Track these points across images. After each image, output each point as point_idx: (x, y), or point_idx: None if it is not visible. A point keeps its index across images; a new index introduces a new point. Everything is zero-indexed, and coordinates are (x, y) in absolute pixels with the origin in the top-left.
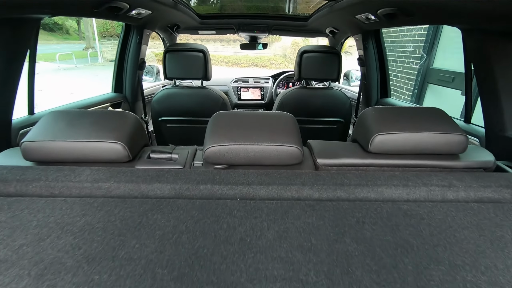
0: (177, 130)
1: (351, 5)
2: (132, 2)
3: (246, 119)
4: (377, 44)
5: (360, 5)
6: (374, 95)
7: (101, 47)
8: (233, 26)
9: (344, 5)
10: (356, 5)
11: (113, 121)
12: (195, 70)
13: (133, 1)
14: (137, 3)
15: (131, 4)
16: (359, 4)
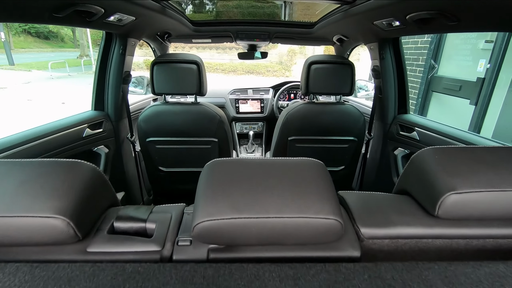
0: (168, 152)
1: (372, 9)
2: (108, 6)
3: (257, 172)
4: (396, 54)
5: (384, 10)
6: (391, 110)
7: (95, 55)
8: (230, 34)
9: (362, 10)
10: (379, 9)
11: (54, 180)
12: (187, 84)
13: (109, 5)
14: (115, 7)
15: (107, 8)
16: (383, 8)
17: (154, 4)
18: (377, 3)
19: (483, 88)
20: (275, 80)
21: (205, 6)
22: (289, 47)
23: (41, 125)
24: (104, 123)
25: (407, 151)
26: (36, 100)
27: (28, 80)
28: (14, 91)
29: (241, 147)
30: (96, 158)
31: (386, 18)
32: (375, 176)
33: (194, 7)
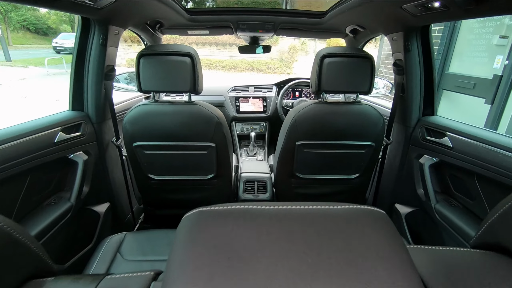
0: (158, 158)
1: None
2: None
3: (277, 240)
4: (425, 45)
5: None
6: (415, 111)
7: None
8: (230, 24)
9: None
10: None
11: None
12: (180, 80)
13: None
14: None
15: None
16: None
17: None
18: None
19: (501, 86)
20: (277, 78)
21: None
22: (291, 43)
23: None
24: (83, 125)
25: (435, 160)
26: (30, 97)
27: (24, 76)
28: (9, 87)
29: (241, 149)
30: (72, 166)
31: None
32: (393, 186)
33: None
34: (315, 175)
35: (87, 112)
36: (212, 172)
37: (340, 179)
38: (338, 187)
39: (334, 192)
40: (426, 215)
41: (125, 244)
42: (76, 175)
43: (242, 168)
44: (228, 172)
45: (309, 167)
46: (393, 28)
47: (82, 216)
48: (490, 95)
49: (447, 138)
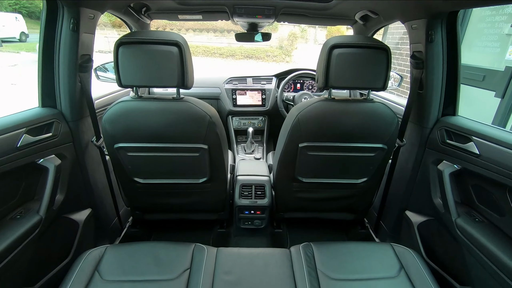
0: (143, 161)
1: None
2: None
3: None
4: (451, 34)
5: None
6: (434, 110)
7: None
8: (226, 9)
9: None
10: None
11: None
12: (166, 73)
13: None
14: None
15: None
16: None
17: None
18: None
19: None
20: (276, 66)
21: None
22: (290, 30)
23: None
24: (55, 124)
25: (457, 167)
26: (20, 84)
27: (15, 62)
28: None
29: (238, 146)
30: (42, 174)
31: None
32: (403, 192)
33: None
34: (318, 179)
35: (60, 109)
36: (205, 176)
37: (346, 183)
38: (344, 192)
39: (338, 197)
40: (443, 227)
41: (105, 260)
42: (46, 183)
43: (238, 169)
44: (223, 175)
45: (313, 171)
46: (414, 15)
47: (57, 227)
48: (501, 88)
49: (472, 144)
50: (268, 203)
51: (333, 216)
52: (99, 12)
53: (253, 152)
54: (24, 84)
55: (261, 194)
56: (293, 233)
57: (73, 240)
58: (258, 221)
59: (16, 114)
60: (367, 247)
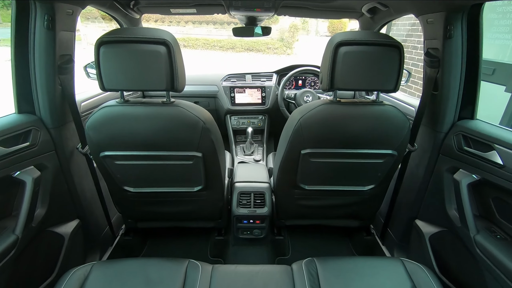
0: (132, 170)
1: None
2: None
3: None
4: (472, 30)
5: None
6: (450, 113)
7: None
8: (221, 1)
9: None
10: None
11: None
12: (153, 76)
13: None
14: None
15: None
16: None
17: None
18: None
19: None
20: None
21: None
22: (291, 22)
23: None
24: (34, 132)
25: (476, 177)
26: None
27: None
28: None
29: (237, 146)
30: (18, 188)
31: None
32: (413, 199)
33: None
34: (322, 187)
35: (39, 115)
36: (199, 184)
37: (352, 190)
38: (349, 199)
39: (343, 204)
40: (459, 242)
41: (91, 279)
42: (23, 198)
43: (236, 174)
44: (220, 183)
45: (316, 178)
46: (430, 8)
47: (39, 244)
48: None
49: (495, 153)
50: (268, 212)
51: (337, 223)
52: (79, 7)
53: (253, 154)
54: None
55: (261, 202)
56: (295, 240)
57: (58, 255)
58: (258, 231)
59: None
60: (376, 263)
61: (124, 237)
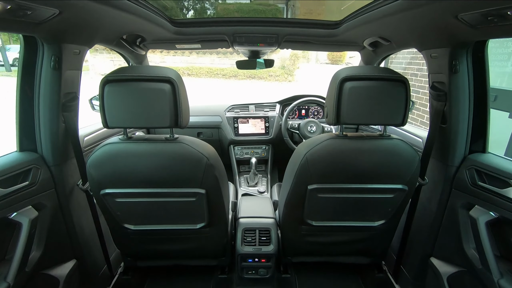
0: (134, 207)
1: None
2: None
3: None
4: (478, 65)
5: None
6: (460, 147)
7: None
8: (225, 37)
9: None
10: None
11: None
12: (157, 113)
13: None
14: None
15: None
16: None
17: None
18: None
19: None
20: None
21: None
22: (292, 50)
23: None
24: (34, 171)
25: (495, 215)
26: None
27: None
28: (4, 99)
29: (241, 177)
30: (14, 229)
31: (499, 5)
32: (427, 235)
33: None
34: (330, 223)
35: (41, 152)
36: (202, 221)
37: (362, 226)
38: (358, 235)
39: (352, 240)
40: (480, 284)
41: None
42: (18, 241)
43: (240, 209)
44: (223, 219)
45: (324, 214)
46: (434, 43)
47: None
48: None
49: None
50: (274, 250)
51: (346, 260)
52: (86, 46)
53: (257, 185)
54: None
55: (266, 240)
56: (302, 278)
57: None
58: (263, 270)
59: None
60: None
61: (122, 276)
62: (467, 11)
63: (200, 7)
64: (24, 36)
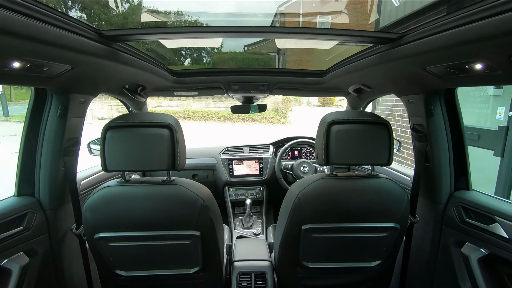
0: (127, 251)
1: (435, 49)
2: (5, 48)
3: None
4: (451, 108)
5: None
6: (445, 185)
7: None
8: (221, 85)
9: (413, 52)
10: (448, 49)
11: None
12: (156, 157)
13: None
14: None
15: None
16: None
17: (97, 47)
18: (449, 38)
19: (509, 138)
20: (272, 128)
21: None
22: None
23: None
24: (29, 216)
25: (485, 252)
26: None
27: (16, 132)
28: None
29: (236, 219)
30: (3, 277)
31: (457, 60)
32: (424, 276)
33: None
34: (326, 264)
35: (38, 197)
36: (197, 265)
37: (358, 267)
38: (356, 277)
39: (351, 283)
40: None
41: None
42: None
43: (235, 252)
44: (218, 263)
45: (319, 255)
46: (410, 90)
47: None
48: (498, 147)
49: (498, 225)
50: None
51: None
52: (91, 96)
53: (252, 227)
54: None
55: (262, 284)
56: None
57: None
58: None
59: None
60: None
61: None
62: (433, 65)
63: (197, 55)
64: (35, 88)
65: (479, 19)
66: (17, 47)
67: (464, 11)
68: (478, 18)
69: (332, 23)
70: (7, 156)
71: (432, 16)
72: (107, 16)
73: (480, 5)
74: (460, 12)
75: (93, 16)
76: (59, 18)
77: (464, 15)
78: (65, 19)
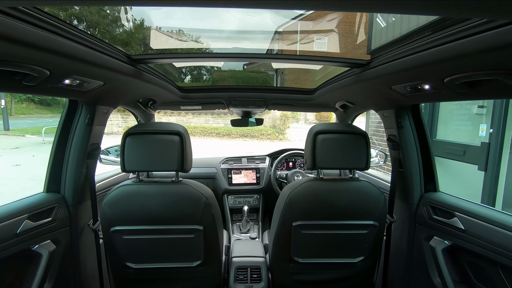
0: (138, 244)
1: (394, 72)
2: (57, 67)
3: None
4: (417, 121)
5: (413, 72)
6: (416, 187)
7: None
8: (222, 101)
9: (380, 73)
10: (404, 72)
11: None
12: (167, 159)
13: (58, 65)
14: (66, 68)
15: (54, 70)
16: (411, 70)
17: (127, 68)
18: (403, 64)
19: (490, 154)
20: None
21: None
22: (282, 111)
23: None
24: (56, 209)
25: (448, 243)
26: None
27: (17, 145)
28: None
29: (234, 225)
30: (34, 260)
31: (412, 81)
32: (403, 271)
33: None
34: (315, 259)
35: (63, 193)
36: (199, 259)
37: (344, 263)
38: (342, 273)
39: (337, 279)
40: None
41: None
42: (36, 272)
43: (233, 250)
44: (218, 258)
45: (308, 250)
46: (383, 106)
47: None
48: (482, 162)
49: (456, 219)
50: (265, 286)
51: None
52: (112, 107)
53: (249, 231)
54: (28, 165)
55: (257, 277)
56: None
57: None
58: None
59: (21, 200)
60: None
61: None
62: (396, 85)
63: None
64: (69, 100)
65: (422, 50)
66: (73, 68)
67: (414, 43)
68: (422, 49)
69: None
70: (8, 169)
71: (398, 43)
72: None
73: (425, 39)
74: (412, 43)
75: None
76: (100, 45)
77: (412, 46)
78: (104, 45)
